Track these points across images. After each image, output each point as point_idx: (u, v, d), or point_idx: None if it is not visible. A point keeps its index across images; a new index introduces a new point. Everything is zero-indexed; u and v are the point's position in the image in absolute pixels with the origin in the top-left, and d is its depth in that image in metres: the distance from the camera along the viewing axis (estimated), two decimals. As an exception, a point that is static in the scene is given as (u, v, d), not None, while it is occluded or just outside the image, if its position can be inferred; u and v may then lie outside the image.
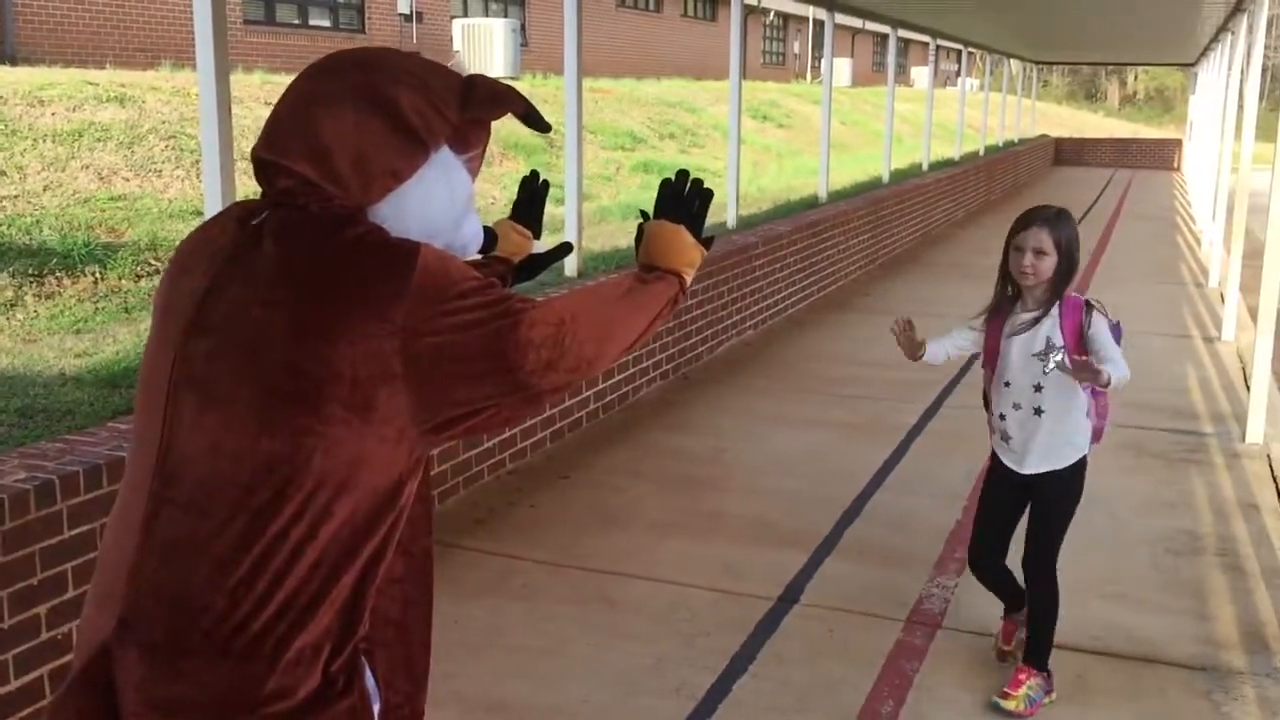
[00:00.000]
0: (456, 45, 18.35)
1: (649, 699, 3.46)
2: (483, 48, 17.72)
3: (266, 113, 10.36)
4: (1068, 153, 30.10)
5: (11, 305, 5.82)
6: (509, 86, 1.68)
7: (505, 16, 20.71)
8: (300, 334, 1.47)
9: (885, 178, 13.83)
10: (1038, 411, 3.31)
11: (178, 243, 6.64)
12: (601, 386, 6.20)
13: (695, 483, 5.34)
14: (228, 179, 4.34)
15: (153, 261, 6.78)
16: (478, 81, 1.65)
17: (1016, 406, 3.34)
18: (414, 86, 1.59)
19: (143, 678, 1.48)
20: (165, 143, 8.73)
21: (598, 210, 10.49)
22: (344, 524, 1.51)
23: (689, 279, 1.87)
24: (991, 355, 3.42)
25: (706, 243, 1.91)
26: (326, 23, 18.14)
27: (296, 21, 17.21)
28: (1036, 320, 3.26)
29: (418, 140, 1.57)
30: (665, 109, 17.61)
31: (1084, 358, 3.08)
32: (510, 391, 1.57)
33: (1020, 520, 3.50)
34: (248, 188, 8.70)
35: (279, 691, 1.48)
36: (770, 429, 6.20)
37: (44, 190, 7.38)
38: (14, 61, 11.72)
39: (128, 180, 8.02)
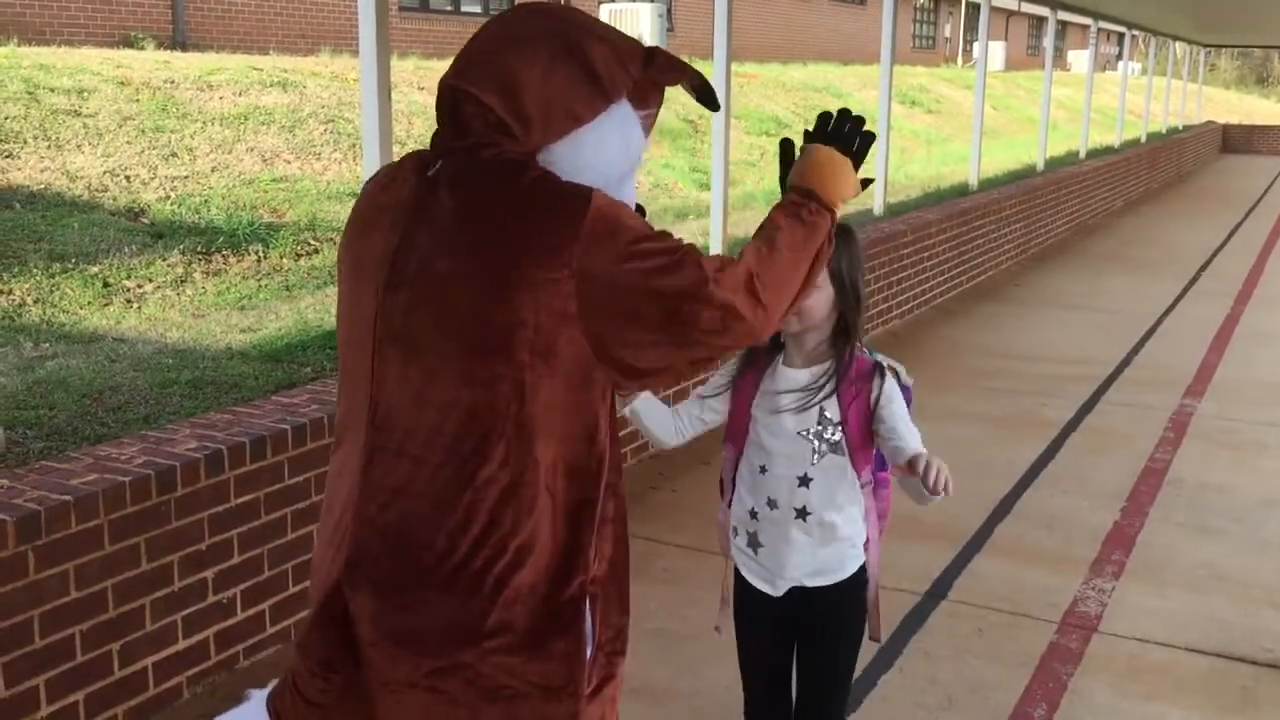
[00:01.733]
0: (603, 30, 18.41)
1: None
2: (628, 31, 17.72)
3: (420, 98, 10.63)
4: (1236, 140, 28.64)
5: (181, 282, 6.09)
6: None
7: (652, 1, 20.73)
8: (482, 283, 1.52)
9: (1040, 165, 13.39)
10: (801, 514, 2.34)
11: (335, 223, 6.85)
12: (745, 373, 6.16)
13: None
14: (387, 161, 4.44)
15: (311, 241, 7.01)
16: (659, 49, 1.71)
17: (772, 504, 2.36)
18: (603, 40, 1.66)
19: (376, 611, 1.58)
20: (324, 126, 9.01)
21: (741, 196, 10.42)
22: (549, 468, 1.57)
23: (838, 215, 1.84)
24: (739, 428, 2.40)
25: (865, 183, 1.90)
26: (478, 9, 18.46)
27: (449, 8, 17.55)
28: (812, 388, 2.30)
29: (601, 89, 1.62)
30: (811, 94, 17.39)
31: (907, 469, 2.24)
32: (680, 345, 1.59)
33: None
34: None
35: (500, 626, 1.56)
36: (916, 421, 6.05)
37: (212, 171, 7.69)
38: (184, 47, 12.25)
39: (289, 162, 8.30)
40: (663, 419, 2.38)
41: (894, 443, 2.30)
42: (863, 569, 2.42)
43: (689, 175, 11.32)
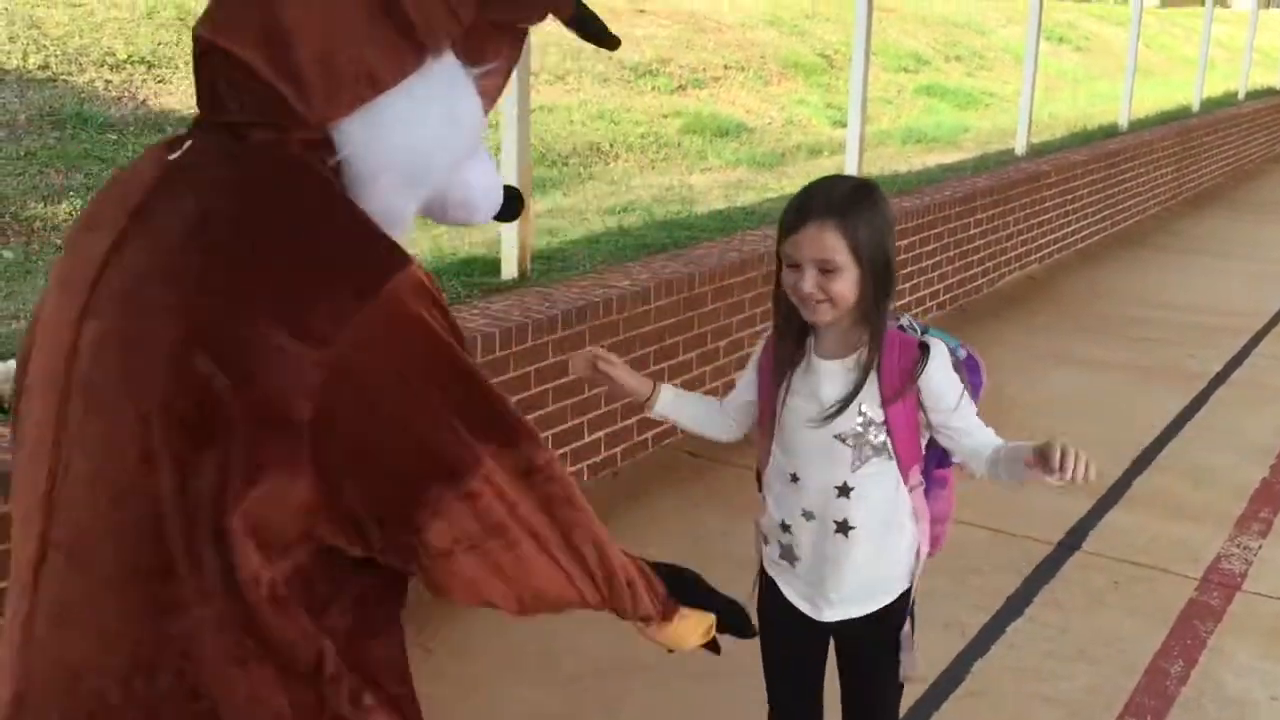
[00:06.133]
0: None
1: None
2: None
3: (555, 28, 10.74)
4: None
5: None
6: None
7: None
8: (193, 332, 1.03)
9: (1195, 106, 12.74)
10: (843, 528, 1.99)
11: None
12: (876, 313, 6.05)
13: (971, 417, 5.15)
14: (523, 89, 4.44)
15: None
16: None
17: (807, 515, 2.01)
18: None
19: None
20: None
21: (876, 133, 10.18)
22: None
23: (658, 632, 1.44)
24: (767, 420, 2.07)
25: (709, 646, 1.52)
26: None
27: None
28: (849, 385, 1.92)
29: (411, 37, 1.13)
30: (952, 29, 16.82)
31: (1037, 462, 1.81)
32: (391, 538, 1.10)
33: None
34: (535, 99, 8.91)
35: None
36: (1052, 368, 5.89)
37: (352, 100, 7.82)
38: None
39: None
40: (705, 416, 2.17)
41: (963, 442, 1.96)
42: (907, 592, 2.06)
43: (823, 111, 11.10)
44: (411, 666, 1.27)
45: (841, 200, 1.85)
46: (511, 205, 1.37)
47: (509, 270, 4.54)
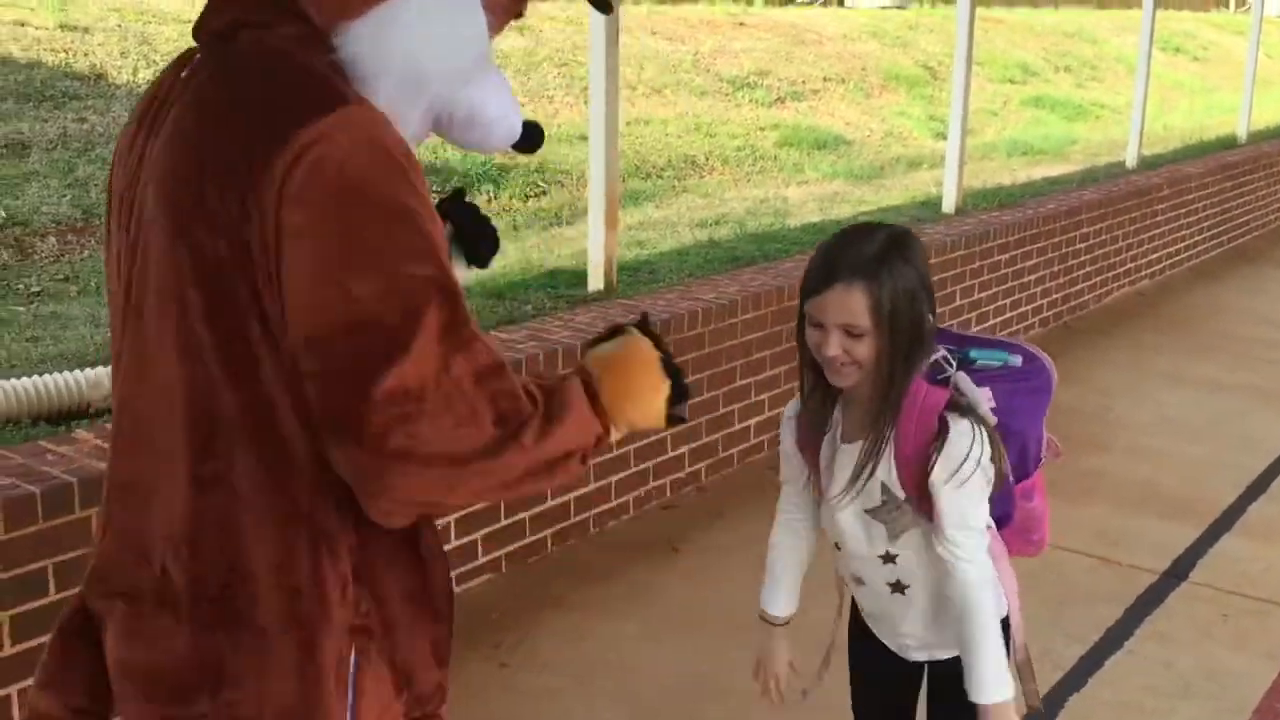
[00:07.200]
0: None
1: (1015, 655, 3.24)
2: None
3: (653, 42, 10.58)
4: None
5: (416, 219, 6.28)
6: None
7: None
8: (169, 219, 1.16)
9: (1320, 117, 12.19)
10: (898, 588, 1.89)
11: (563, 165, 6.90)
12: (974, 330, 5.88)
13: (1074, 439, 4.93)
14: (612, 103, 4.41)
15: (540, 183, 7.12)
16: None
17: (858, 580, 1.94)
18: None
19: (112, 639, 1.26)
20: (558, 70, 9.11)
21: (981, 145, 9.94)
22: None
23: (613, 437, 1.28)
24: (815, 482, 1.95)
25: (674, 419, 1.33)
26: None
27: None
28: (867, 452, 1.77)
29: None
30: (1062, 39, 16.40)
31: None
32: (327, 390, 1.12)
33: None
34: (631, 111, 8.87)
35: (239, 674, 1.19)
36: (1163, 388, 5.64)
37: (449, 113, 7.91)
38: None
39: (523, 106, 8.40)
40: (799, 554, 2.00)
41: (948, 584, 1.78)
42: (1003, 624, 1.87)
43: (925, 124, 10.88)
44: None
45: (869, 260, 1.71)
46: (531, 137, 1.39)
47: (595, 282, 4.50)
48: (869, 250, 1.72)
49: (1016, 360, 1.87)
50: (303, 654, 1.18)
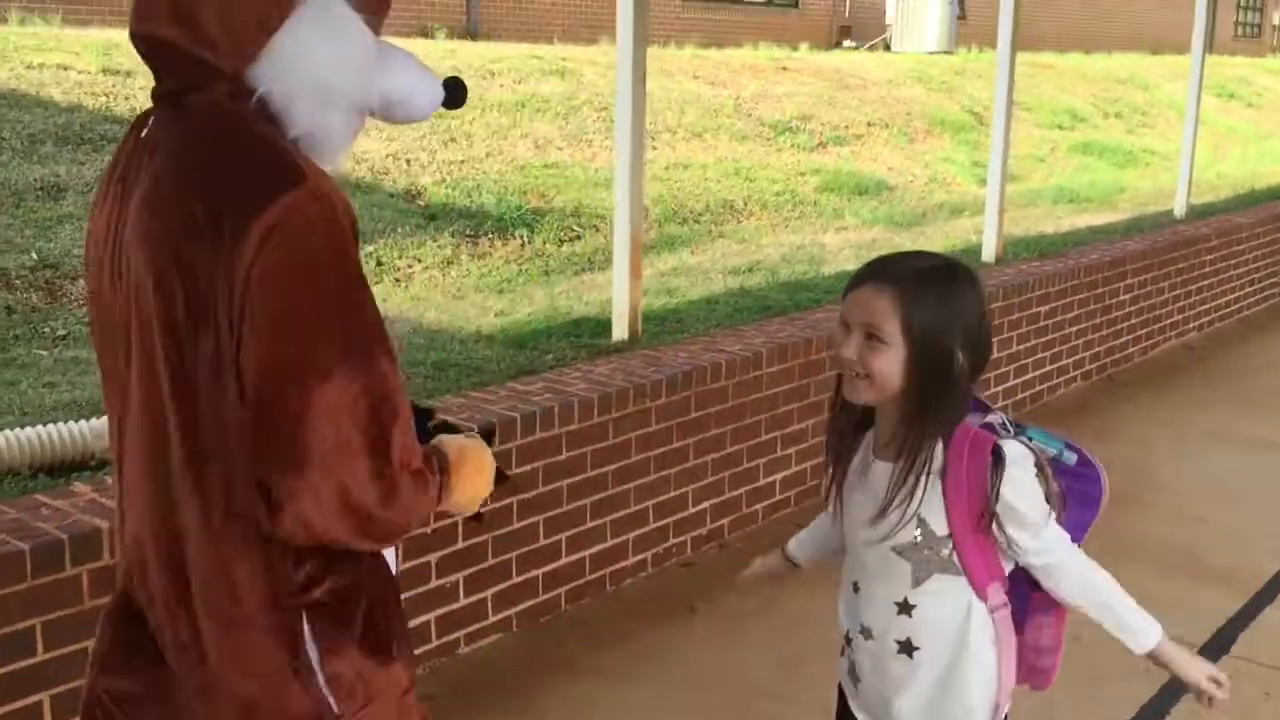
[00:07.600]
0: (889, 17, 17.90)
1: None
2: (917, 20, 17.15)
3: (694, 86, 10.57)
4: None
5: (449, 263, 6.27)
6: None
7: (943, -12, 19.92)
8: (151, 274, 1.32)
9: (1379, 165, 11.92)
10: (906, 649, 1.74)
11: (598, 209, 6.86)
12: (1012, 383, 5.73)
13: (1112, 497, 4.73)
14: (637, 152, 4.36)
15: (575, 227, 7.08)
16: None
17: (866, 633, 1.78)
18: None
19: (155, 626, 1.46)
20: (598, 114, 9.11)
21: (1026, 192, 9.80)
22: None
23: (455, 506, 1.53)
24: (837, 509, 1.85)
25: (500, 477, 1.61)
26: (761, -2, 18.32)
27: (731, -3, 17.51)
28: (898, 476, 1.66)
29: None
30: (1113, 85, 16.22)
31: None
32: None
33: None
34: (656, 157, 8.84)
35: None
36: (1209, 447, 5.46)
37: (486, 156, 7.91)
38: (475, 37, 12.75)
39: (561, 149, 8.43)
40: (825, 534, 1.97)
41: (1046, 560, 1.73)
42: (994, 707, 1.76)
43: (969, 170, 10.75)
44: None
45: (912, 273, 1.66)
46: (455, 92, 1.56)
47: (619, 331, 4.43)
48: (917, 265, 1.68)
49: (1071, 459, 1.78)
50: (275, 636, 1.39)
